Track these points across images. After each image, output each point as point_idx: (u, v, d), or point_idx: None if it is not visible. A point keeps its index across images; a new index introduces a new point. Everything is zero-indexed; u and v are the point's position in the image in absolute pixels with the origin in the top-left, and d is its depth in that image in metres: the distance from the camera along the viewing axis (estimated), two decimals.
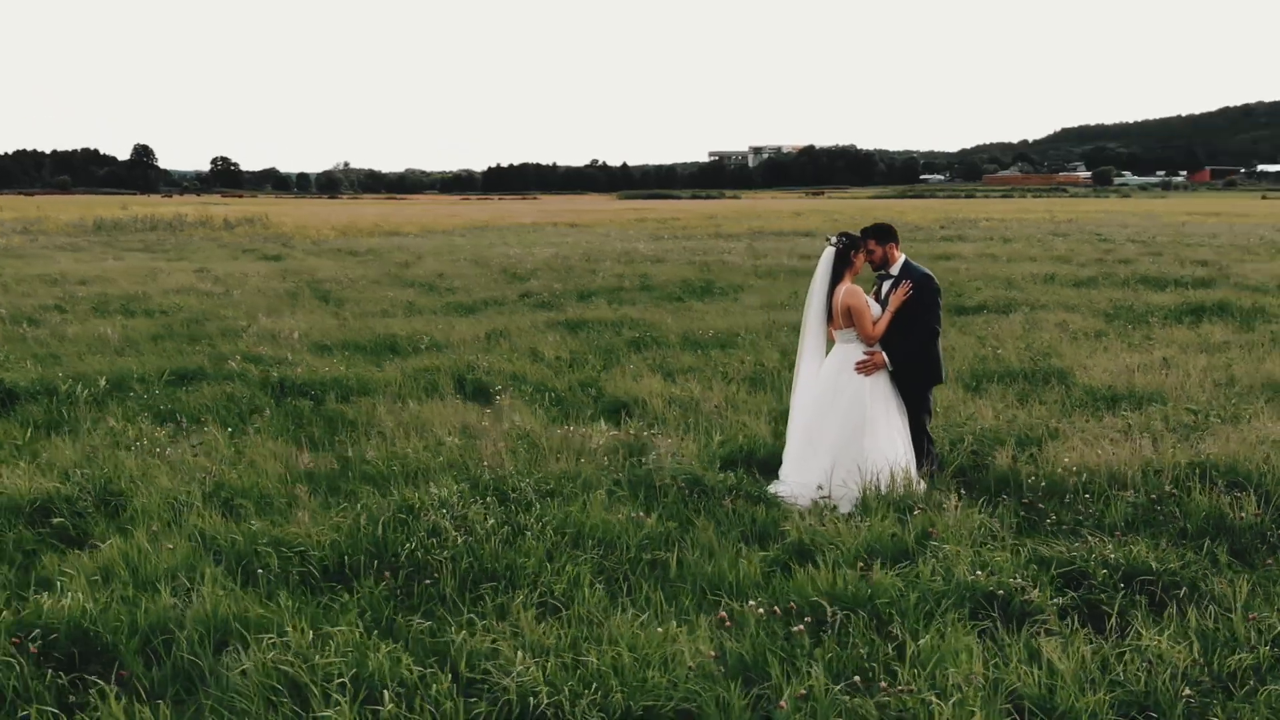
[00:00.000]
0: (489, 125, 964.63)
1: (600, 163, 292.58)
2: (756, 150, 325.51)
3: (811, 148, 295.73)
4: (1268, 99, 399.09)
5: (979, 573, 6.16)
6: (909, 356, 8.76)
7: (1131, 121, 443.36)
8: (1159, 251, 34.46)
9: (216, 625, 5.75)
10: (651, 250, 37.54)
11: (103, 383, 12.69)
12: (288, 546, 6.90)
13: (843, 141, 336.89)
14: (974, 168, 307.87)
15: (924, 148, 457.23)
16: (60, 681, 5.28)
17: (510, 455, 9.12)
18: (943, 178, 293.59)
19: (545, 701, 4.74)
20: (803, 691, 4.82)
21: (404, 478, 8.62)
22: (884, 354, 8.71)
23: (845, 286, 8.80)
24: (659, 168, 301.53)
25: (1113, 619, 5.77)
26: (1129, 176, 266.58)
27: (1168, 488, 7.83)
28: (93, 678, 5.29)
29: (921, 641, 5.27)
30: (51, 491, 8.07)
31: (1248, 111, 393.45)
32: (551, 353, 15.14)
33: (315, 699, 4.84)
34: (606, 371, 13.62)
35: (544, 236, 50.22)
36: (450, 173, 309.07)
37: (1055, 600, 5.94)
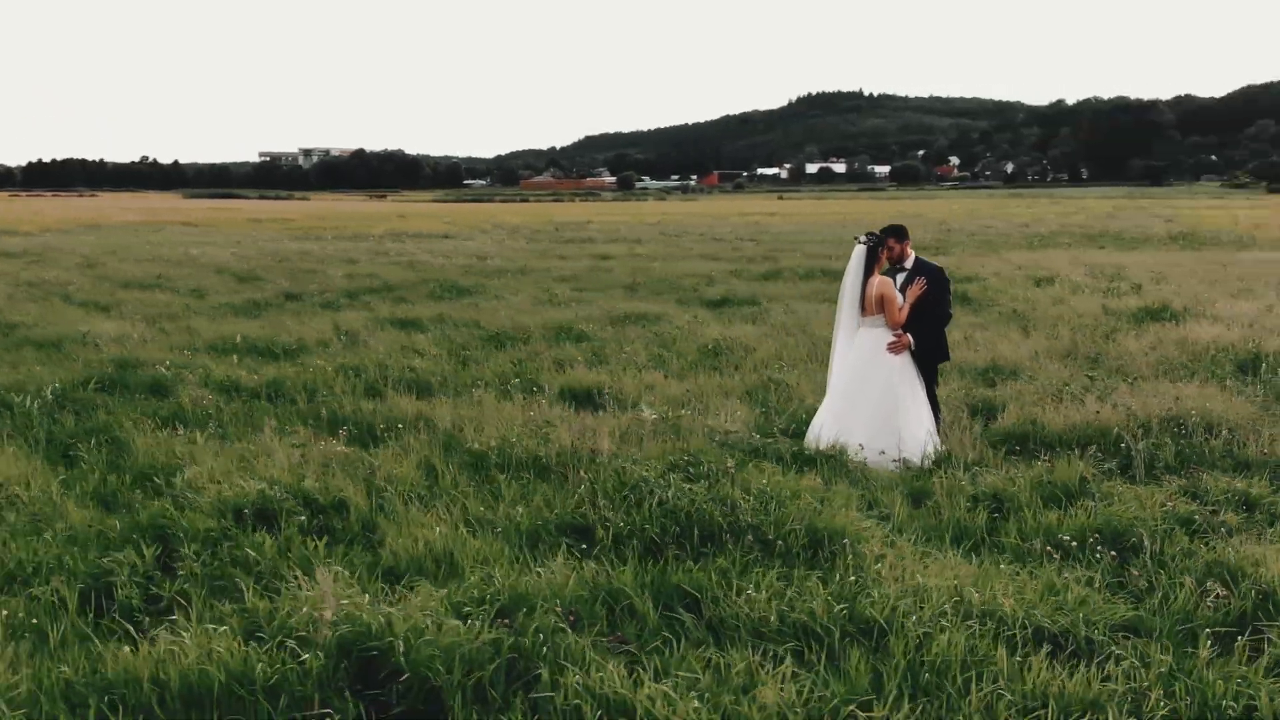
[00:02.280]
0: (18, 118, 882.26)
1: (151, 159, 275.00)
2: (307, 152, 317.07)
3: (362, 151, 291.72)
4: (762, 108, 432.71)
5: (1170, 503, 7.60)
6: (927, 338, 10.07)
7: (647, 129, 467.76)
8: (779, 249, 37.29)
9: (665, 589, 6.28)
10: (329, 251, 37.00)
11: (48, 393, 11.97)
12: (578, 524, 7.41)
13: (390, 145, 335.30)
14: (512, 173, 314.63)
15: (464, 153, 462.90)
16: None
17: (616, 439, 9.71)
18: (484, 182, 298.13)
19: (1054, 626, 5.70)
20: (1223, 592, 6.04)
21: (534, 468, 9.01)
22: (909, 336, 9.98)
23: (878, 278, 9.94)
24: (212, 166, 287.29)
25: None
26: (649, 181, 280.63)
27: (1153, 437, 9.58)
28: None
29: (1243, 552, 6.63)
30: (255, 495, 7.98)
31: (745, 120, 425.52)
32: (432, 350, 15.34)
33: (892, 631, 5.57)
34: (520, 365, 14.04)
35: (178, 236, 47.94)
36: None
37: (1240, 519, 7.46)
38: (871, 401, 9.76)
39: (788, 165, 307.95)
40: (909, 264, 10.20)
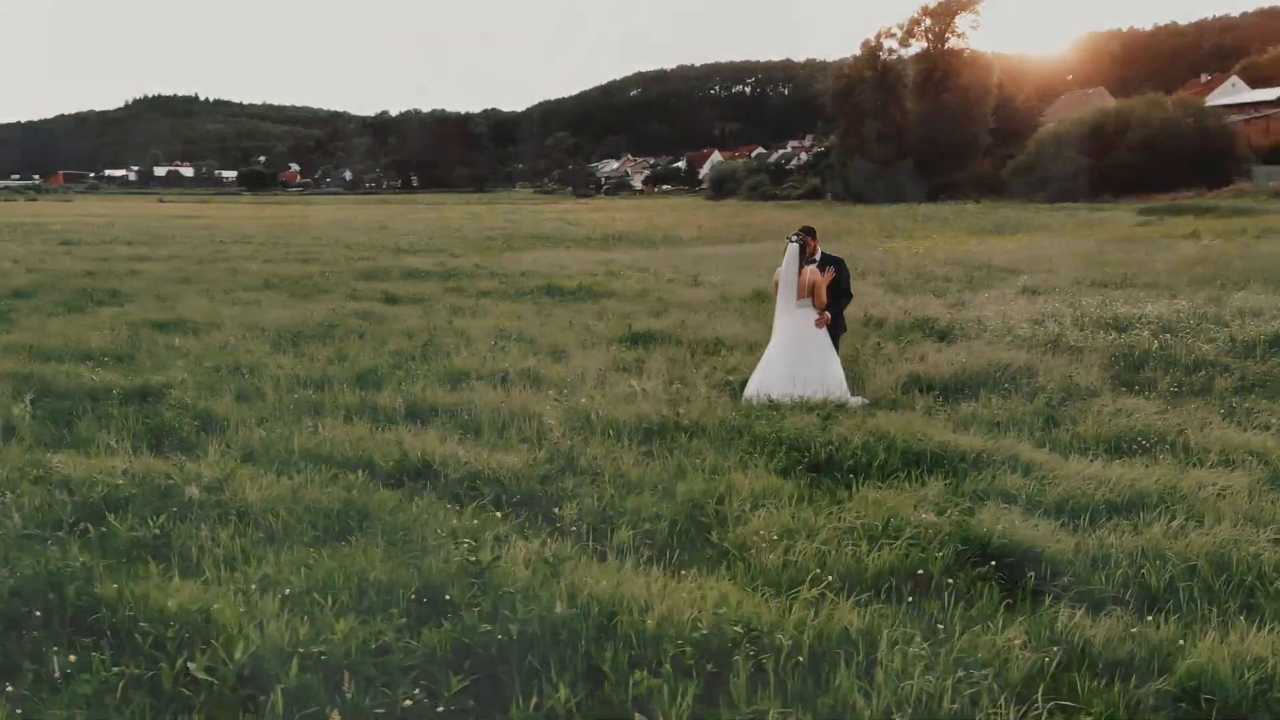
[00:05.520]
0: None
1: None
2: None
3: None
4: (98, 109, 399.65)
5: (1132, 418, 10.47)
6: (838, 315, 12.45)
7: None
8: (303, 253, 36.27)
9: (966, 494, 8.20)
10: None
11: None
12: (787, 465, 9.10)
13: None
14: None
15: None
16: None
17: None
18: None
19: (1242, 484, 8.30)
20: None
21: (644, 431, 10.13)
22: (829, 314, 12.22)
23: (809, 269, 12.17)
24: None
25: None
26: None
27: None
28: None
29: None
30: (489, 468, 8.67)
31: (83, 120, 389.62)
32: (263, 349, 14.84)
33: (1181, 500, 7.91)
34: (399, 358, 14.08)
35: None
36: None
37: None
38: (815, 364, 11.96)
39: (136, 167, 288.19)
40: (818, 257, 12.49)
